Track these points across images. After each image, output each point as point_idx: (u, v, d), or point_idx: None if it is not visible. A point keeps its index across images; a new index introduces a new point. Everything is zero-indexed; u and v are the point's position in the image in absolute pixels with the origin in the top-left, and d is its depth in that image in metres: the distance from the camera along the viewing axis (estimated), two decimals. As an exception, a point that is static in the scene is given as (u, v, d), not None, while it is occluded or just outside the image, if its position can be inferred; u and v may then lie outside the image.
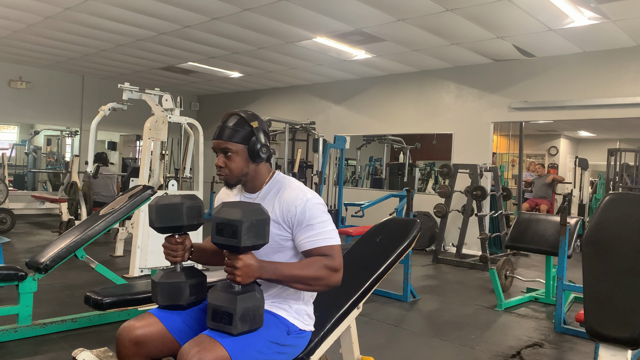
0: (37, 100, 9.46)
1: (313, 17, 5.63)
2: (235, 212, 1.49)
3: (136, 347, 1.61)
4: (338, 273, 1.67)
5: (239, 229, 1.47)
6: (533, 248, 4.64)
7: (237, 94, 11.09)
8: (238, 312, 1.51)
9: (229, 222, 1.48)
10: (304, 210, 1.67)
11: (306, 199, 1.69)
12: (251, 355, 1.56)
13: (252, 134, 1.72)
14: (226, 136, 1.70)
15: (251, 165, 1.75)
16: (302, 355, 1.79)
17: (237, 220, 1.47)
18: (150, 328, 1.65)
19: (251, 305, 1.54)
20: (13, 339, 3.05)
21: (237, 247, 1.50)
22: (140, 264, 4.90)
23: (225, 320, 1.52)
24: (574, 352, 3.43)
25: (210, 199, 10.52)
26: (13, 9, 5.89)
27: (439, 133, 8.28)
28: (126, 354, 1.63)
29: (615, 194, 1.80)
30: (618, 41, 5.95)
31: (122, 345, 1.63)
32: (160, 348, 1.67)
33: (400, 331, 3.72)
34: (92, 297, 2.23)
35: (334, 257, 1.66)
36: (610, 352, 1.63)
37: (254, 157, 1.73)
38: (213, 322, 1.54)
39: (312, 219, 1.67)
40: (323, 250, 1.66)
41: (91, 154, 6.09)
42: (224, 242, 1.51)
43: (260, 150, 1.72)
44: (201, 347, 1.48)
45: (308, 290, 1.71)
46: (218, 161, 1.73)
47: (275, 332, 1.66)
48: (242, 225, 1.47)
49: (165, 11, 5.69)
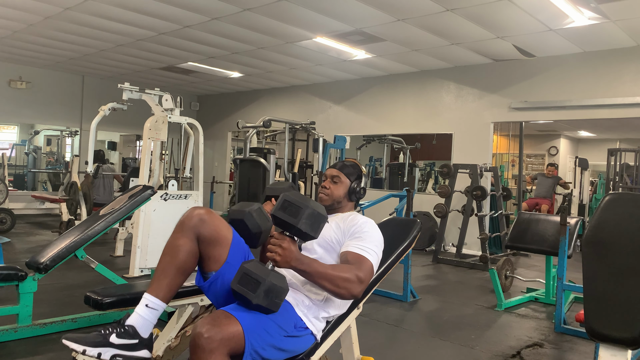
0: (37, 100, 9.46)
1: (313, 17, 5.63)
2: (305, 200, 1.66)
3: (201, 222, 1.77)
4: (362, 284, 1.80)
5: (302, 212, 1.63)
6: (533, 248, 4.64)
7: (237, 94, 11.09)
8: (266, 284, 1.59)
9: (297, 203, 1.64)
10: (363, 225, 1.96)
11: (369, 220, 2.01)
12: (260, 335, 1.63)
13: (359, 177, 2.15)
14: (339, 167, 2.15)
15: (346, 198, 2.12)
16: (302, 356, 1.80)
17: (304, 205, 1.64)
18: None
19: (278, 286, 1.61)
20: (13, 339, 3.05)
21: (293, 227, 1.63)
22: (140, 264, 4.90)
23: (251, 287, 1.59)
24: (574, 352, 3.43)
25: (211, 199, 10.52)
26: (13, 9, 5.89)
27: (439, 133, 8.28)
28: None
29: (615, 194, 1.80)
30: (618, 41, 5.95)
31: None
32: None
33: (400, 331, 3.72)
34: (92, 297, 2.23)
35: (364, 270, 1.83)
36: (610, 352, 1.63)
37: (350, 193, 2.12)
38: (239, 284, 1.61)
39: (366, 234, 1.93)
40: (359, 258, 1.84)
41: (91, 154, 6.10)
42: (283, 217, 1.64)
43: (357, 190, 2.13)
44: (216, 323, 1.56)
45: (333, 291, 1.78)
46: (325, 183, 2.12)
47: (283, 320, 1.73)
48: (306, 210, 1.64)
49: (165, 11, 5.69)
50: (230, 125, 10.89)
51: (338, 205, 2.12)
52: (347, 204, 2.14)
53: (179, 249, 1.75)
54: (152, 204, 4.88)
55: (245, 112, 10.77)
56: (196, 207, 1.83)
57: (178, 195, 5.19)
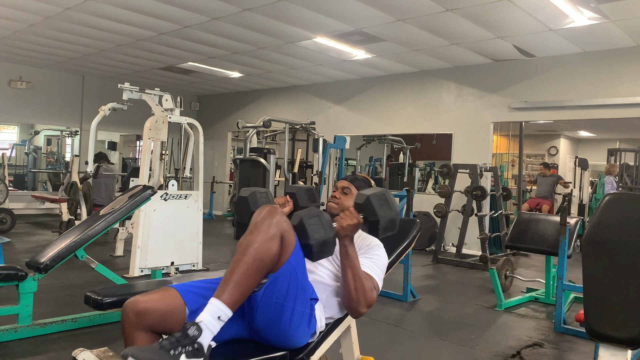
0: (37, 100, 9.45)
1: (313, 17, 5.63)
2: (395, 205, 1.88)
3: (137, 317, 1.64)
4: (373, 294, 1.86)
5: (390, 210, 1.84)
6: (533, 248, 4.64)
7: (237, 94, 11.09)
8: (327, 236, 1.73)
9: (386, 200, 1.83)
10: (376, 248, 2.02)
11: (380, 243, 2.07)
12: (297, 275, 1.72)
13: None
14: (351, 179, 2.23)
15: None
16: (302, 356, 1.80)
17: (394, 212, 1.84)
18: (158, 303, 1.66)
19: (332, 245, 1.76)
20: (13, 339, 3.05)
21: (375, 215, 1.79)
22: (140, 264, 4.90)
23: (315, 229, 1.71)
24: (574, 352, 3.43)
25: (211, 199, 10.53)
26: (13, 9, 5.89)
27: (439, 133, 8.28)
28: (129, 324, 1.66)
29: (615, 194, 1.80)
30: (618, 41, 5.95)
31: (125, 315, 1.66)
32: (167, 322, 1.66)
33: (400, 331, 3.72)
34: (92, 297, 2.23)
35: (375, 292, 1.90)
36: (610, 352, 1.63)
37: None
38: (307, 220, 1.72)
39: (376, 258, 1.98)
40: (371, 279, 1.90)
41: (91, 154, 6.09)
42: (365, 204, 1.81)
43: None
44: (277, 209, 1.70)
45: (348, 288, 1.81)
46: (335, 193, 2.20)
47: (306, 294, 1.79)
48: (396, 219, 1.86)
49: (165, 11, 5.69)
50: (230, 125, 10.89)
51: None
52: None
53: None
54: (152, 204, 4.88)
55: (245, 112, 10.77)
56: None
57: (178, 195, 5.19)
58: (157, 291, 1.71)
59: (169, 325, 1.66)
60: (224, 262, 5.90)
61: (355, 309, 1.83)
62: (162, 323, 1.66)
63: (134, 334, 1.64)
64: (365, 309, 1.84)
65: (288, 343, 1.75)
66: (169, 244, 5.09)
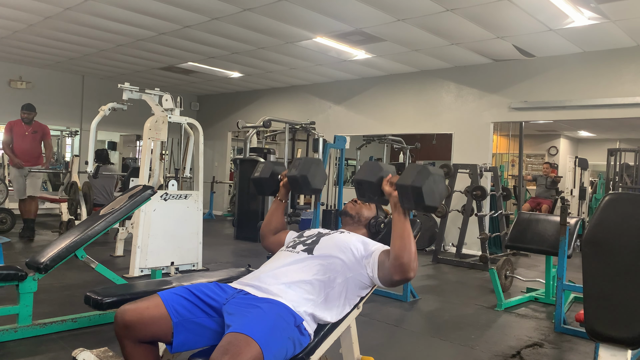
0: (37, 100, 9.40)
1: (313, 17, 5.63)
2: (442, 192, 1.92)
3: (125, 330, 1.74)
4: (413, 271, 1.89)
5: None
6: (533, 248, 4.64)
7: (237, 94, 11.09)
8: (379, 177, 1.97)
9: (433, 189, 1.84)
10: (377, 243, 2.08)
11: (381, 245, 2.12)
12: (276, 341, 1.64)
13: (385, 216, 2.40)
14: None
15: (365, 222, 2.32)
16: (302, 355, 1.79)
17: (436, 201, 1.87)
18: (144, 313, 1.74)
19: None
20: (13, 339, 3.05)
21: (421, 200, 1.80)
22: (140, 264, 4.90)
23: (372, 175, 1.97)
24: (574, 352, 3.43)
25: (211, 198, 10.53)
26: (13, 9, 5.89)
27: (439, 133, 8.28)
28: (119, 335, 1.77)
29: (615, 194, 1.80)
30: (618, 41, 5.95)
31: (116, 325, 1.78)
32: (153, 332, 1.76)
33: (400, 331, 3.72)
34: (92, 297, 2.23)
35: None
36: (610, 352, 1.63)
37: (371, 222, 2.33)
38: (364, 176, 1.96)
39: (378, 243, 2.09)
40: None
41: (91, 154, 6.09)
42: (410, 190, 1.82)
43: (377, 224, 2.31)
44: (233, 352, 1.49)
45: (406, 249, 1.84)
46: (357, 199, 2.28)
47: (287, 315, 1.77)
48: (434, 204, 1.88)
49: (165, 11, 5.69)
50: (230, 125, 10.89)
51: (357, 222, 2.31)
52: (362, 228, 2.30)
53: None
54: (152, 204, 4.89)
55: (245, 112, 10.76)
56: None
57: (178, 195, 5.19)
58: (145, 300, 1.80)
59: (155, 335, 1.77)
60: (224, 262, 5.90)
61: (412, 257, 1.85)
62: (147, 334, 1.77)
63: (124, 343, 1.78)
64: (414, 270, 1.87)
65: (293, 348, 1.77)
66: (169, 244, 5.09)
